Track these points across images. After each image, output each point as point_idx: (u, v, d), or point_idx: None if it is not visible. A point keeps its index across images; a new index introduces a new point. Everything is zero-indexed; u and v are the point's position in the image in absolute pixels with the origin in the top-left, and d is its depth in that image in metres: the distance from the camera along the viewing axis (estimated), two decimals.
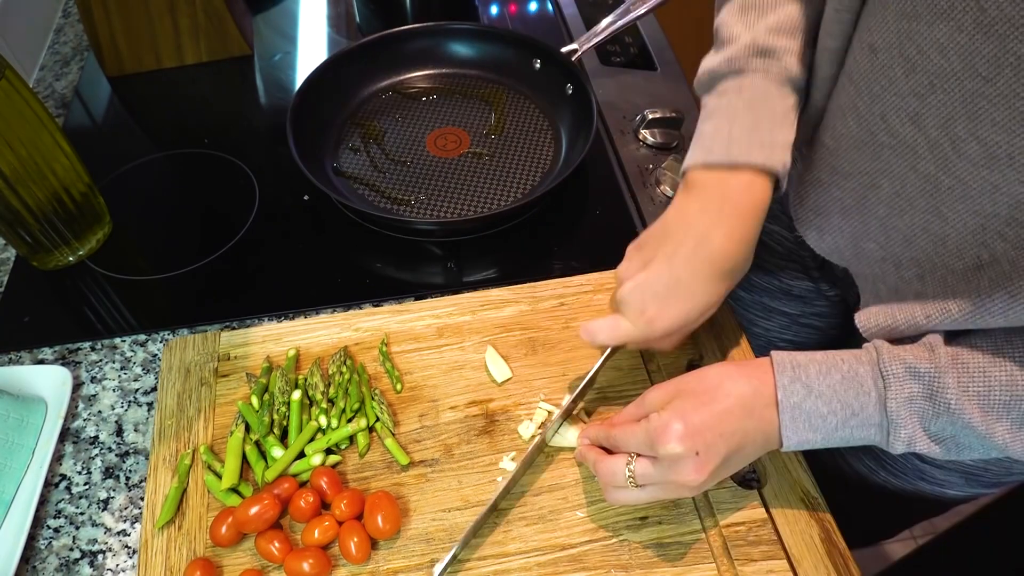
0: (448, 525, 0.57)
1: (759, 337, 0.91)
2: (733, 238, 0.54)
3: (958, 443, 0.48)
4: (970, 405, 0.46)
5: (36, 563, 0.58)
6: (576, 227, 0.80)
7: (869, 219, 0.55)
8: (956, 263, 0.49)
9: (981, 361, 0.46)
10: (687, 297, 0.54)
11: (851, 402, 0.49)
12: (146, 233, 0.82)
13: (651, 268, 0.54)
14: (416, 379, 0.66)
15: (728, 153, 0.54)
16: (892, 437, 0.49)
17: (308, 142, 0.83)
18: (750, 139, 0.54)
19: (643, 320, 0.54)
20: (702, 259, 0.54)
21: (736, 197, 0.54)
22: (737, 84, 0.57)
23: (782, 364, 0.51)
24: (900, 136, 0.48)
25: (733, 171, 0.54)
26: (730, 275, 0.55)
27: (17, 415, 0.63)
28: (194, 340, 0.68)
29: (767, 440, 0.51)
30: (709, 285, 0.54)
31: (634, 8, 0.86)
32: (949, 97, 0.43)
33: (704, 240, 0.54)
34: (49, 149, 0.70)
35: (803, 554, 0.55)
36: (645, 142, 0.87)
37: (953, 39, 0.41)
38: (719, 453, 0.49)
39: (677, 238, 0.54)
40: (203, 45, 1.00)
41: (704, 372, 0.52)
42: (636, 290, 0.54)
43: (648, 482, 0.51)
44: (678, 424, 0.48)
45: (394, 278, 0.76)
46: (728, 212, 0.54)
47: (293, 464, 0.60)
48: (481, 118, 0.90)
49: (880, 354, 0.49)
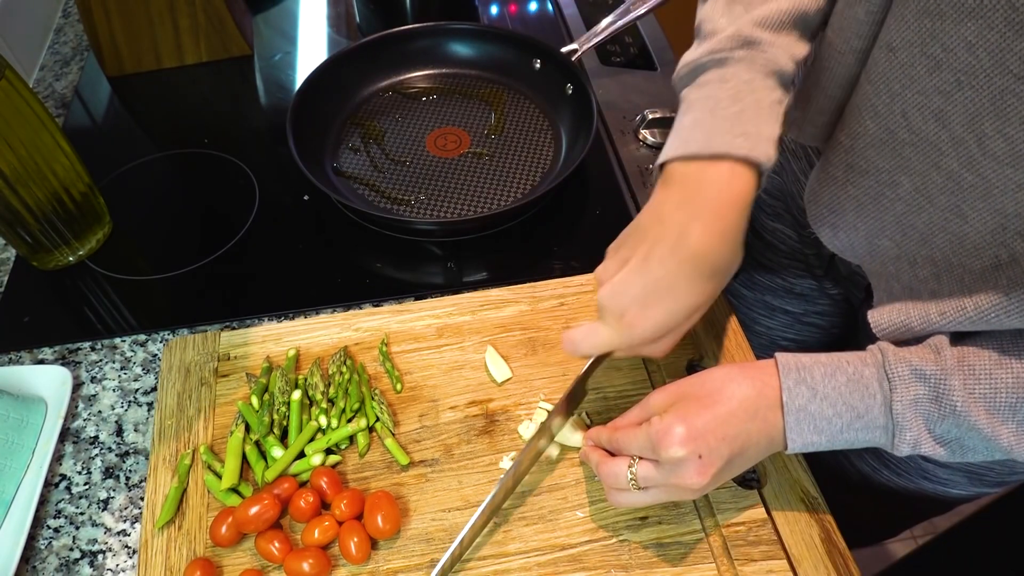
0: (448, 525, 0.57)
1: (761, 336, 0.91)
2: (714, 233, 0.49)
3: (963, 445, 0.48)
4: (976, 407, 0.46)
5: (36, 563, 0.58)
6: (576, 227, 0.80)
7: (885, 216, 0.54)
8: (974, 263, 0.48)
9: (987, 363, 0.46)
10: (668, 299, 0.50)
11: (856, 404, 0.48)
12: (146, 233, 0.82)
13: (628, 269, 0.51)
14: (416, 379, 0.66)
15: (708, 144, 0.51)
16: (897, 439, 0.48)
17: (308, 142, 0.83)
18: (732, 129, 0.51)
19: (623, 325, 0.51)
20: (681, 257, 0.49)
21: (716, 189, 0.50)
22: (719, 75, 0.53)
23: (787, 366, 0.50)
24: (922, 133, 0.48)
25: (712, 162, 0.51)
26: (714, 274, 0.51)
27: (17, 415, 0.63)
28: (194, 340, 0.68)
29: (771, 443, 0.50)
30: (692, 285, 0.50)
31: (634, 8, 0.86)
32: (977, 94, 0.43)
33: (682, 237, 0.49)
34: (49, 149, 0.70)
35: (803, 554, 0.55)
36: (645, 142, 0.87)
37: (983, 37, 0.41)
38: (722, 456, 0.48)
39: (654, 236, 0.51)
40: (203, 45, 1.00)
41: (707, 375, 0.52)
42: (613, 294, 0.51)
43: (650, 485, 0.50)
44: (680, 427, 0.48)
45: (394, 278, 0.76)
46: (707, 206, 0.50)
47: (293, 464, 0.60)
48: (481, 118, 0.90)
49: (885, 356, 0.49)
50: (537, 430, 0.58)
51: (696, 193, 0.51)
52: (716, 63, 0.54)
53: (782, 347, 0.91)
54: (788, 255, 0.81)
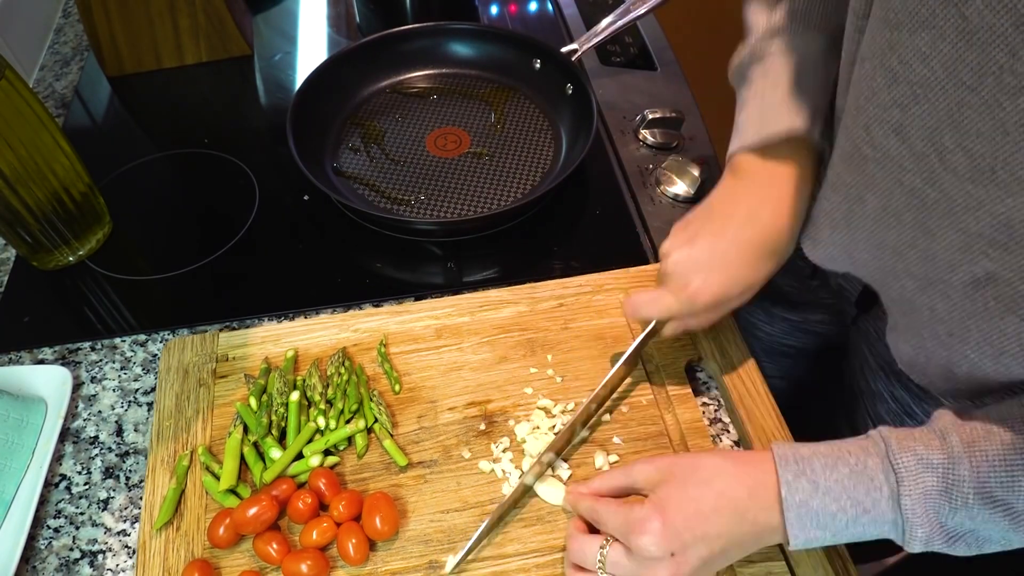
0: (446, 526, 0.57)
1: (762, 341, 0.91)
2: (780, 217, 0.55)
3: (978, 537, 0.45)
4: (991, 497, 0.43)
5: (36, 563, 0.58)
6: (576, 227, 0.80)
7: (857, 233, 0.54)
8: (952, 277, 0.47)
9: (1000, 448, 0.43)
10: (731, 273, 0.55)
11: (862, 499, 0.45)
12: (146, 233, 0.82)
13: (696, 243, 0.56)
14: (415, 380, 0.66)
15: (759, 132, 0.56)
16: (908, 535, 0.45)
17: (308, 142, 0.83)
18: (779, 112, 0.56)
19: (686, 293, 0.55)
20: (749, 236, 0.55)
21: (782, 178, 0.56)
22: (762, 69, 0.58)
23: (784, 458, 0.47)
24: (884, 149, 0.47)
25: (776, 153, 0.56)
26: (774, 255, 0.56)
27: (17, 415, 0.63)
28: (192, 341, 0.68)
29: (759, 542, 0.49)
30: (754, 262, 0.55)
31: (634, 8, 0.86)
32: (934, 107, 0.42)
33: (752, 217, 0.55)
34: (49, 149, 0.70)
35: (802, 556, 0.55)
36: (645, 142, 0.87)
37: (936, 47, 0.40)
38: (698, 556, 0.46)
39: (725, 214, 0.56)
40: (203, 45, 1.00)
41: (699, 461, 0.50)
42: (680, 263, 0.55)
43: (618, 572, 0.48)
44: (656, 522, 0.46)
45: (394, 278, 0.76)
46: (774, 193, 0.56)
47: (291, 465, 0.60)
48: (481, 118, 0.90)
49: (889, 445, 0.46)
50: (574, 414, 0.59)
51: (765, 180, 0.56)
52: (757, 60, 0.59)
53: (783, 352, 0.90)
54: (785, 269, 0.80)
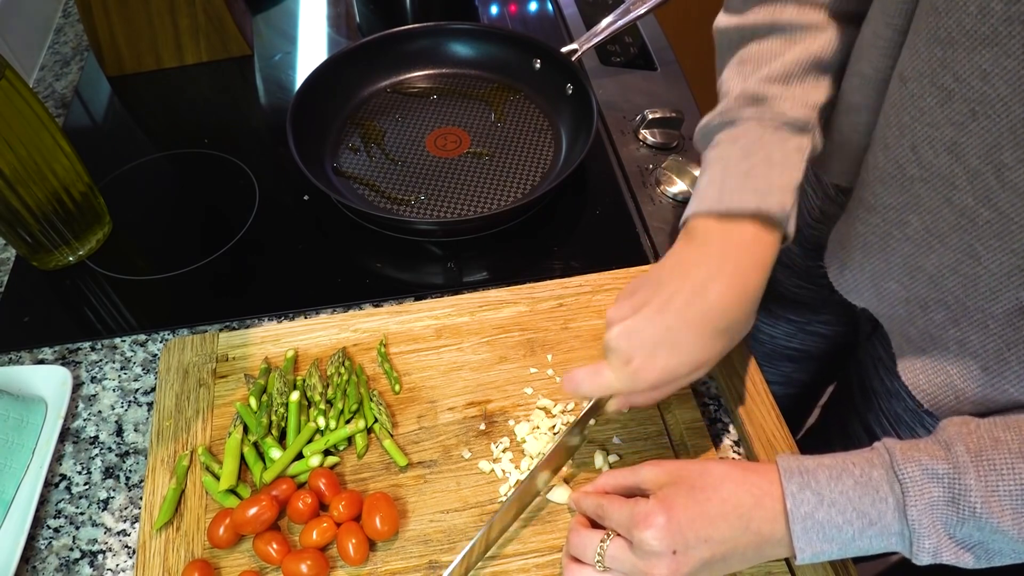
0: (446, 527, 0.57)
1: (764, 343, 0.91)
2: (733, 292, 0.50)
3: (988, 549, 0.44)
4: (999, 507, 0.42)
5: (36, 563, 0.58)
6: (576, 227, 0.80)
7: (892, 257, 0.53)
8: (992, 307, 0.46)
9: (1008, 456, 0.43)
10: (678, 351, 0.50)
11: (867, 510, 0.45)
12: (146, 233, 0.82)
13: (642, 314, 0.51)
14: (414, 380, 0.66)
15: (720, 200, 0.52)
16: (915, 547, 0.44)
17: (308, 142, 0.83)
18: (743, 185, 0.52)
19: (628, 370, 0.51)
20: (697, 311, 0.50)
21: (738, 250, 0.51)
22: (731, 135, 0.55)
23: (789, 470, 0.47)
24: (933, 168, 0.46)
25: (737, 223, 0.52)
26: (726, 332, 0.51)
27: (17, 415, 0.63)
28: (192, 341, 0.68)
29: (760, 555, 0.48)
30: (703, 340, 0.50)
31: (634, 8, 0.86)
32: (994, 124, 0.41)
33: (701, 291, 0.50)
34: (49, 149, 0.70)
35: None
36: (645, 142, 0.87)
37: (999, 64, 0.40)
38: (699, 557, 0.46)
39: (673, 286, 0.51)
40: (203, 45, 1.00)
41: (707, 467, 0.49)
42: (623, 336, 0.51)
43: (616, 567, 0.48)
44: (661, 517, 0.46)
45: (394, 278, 0.76)
46: (729, 265, 0.51)
47: (291, 465, 0.60)
48: (481, 118, 0.90)
49: (893, 456, 0.46)
50: (522, 483, 0.55)
51: (719, 251, 0.51)
52: (727, 124, 0.55)
53: (786, 356, 0.90)
54: (789, 266, 0.80)
